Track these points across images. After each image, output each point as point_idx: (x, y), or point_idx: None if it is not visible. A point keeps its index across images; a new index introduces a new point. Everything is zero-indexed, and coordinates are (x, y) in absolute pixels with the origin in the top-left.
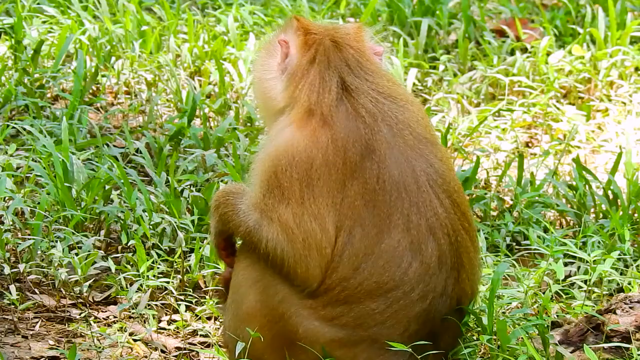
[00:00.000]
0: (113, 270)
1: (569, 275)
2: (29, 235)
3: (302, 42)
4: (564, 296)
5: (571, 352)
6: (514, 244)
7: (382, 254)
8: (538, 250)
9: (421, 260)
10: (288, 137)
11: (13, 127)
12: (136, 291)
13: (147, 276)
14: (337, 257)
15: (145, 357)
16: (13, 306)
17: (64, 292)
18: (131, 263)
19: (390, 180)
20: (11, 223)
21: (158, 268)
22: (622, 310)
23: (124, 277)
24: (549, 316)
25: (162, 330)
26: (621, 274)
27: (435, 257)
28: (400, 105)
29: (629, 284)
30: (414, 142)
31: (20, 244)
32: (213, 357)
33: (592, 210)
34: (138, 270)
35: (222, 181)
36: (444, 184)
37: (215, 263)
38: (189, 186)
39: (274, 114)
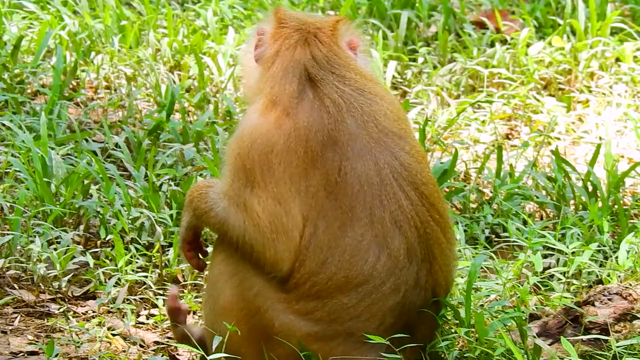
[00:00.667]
0: (92, 265)
1: (548, 267)
2: (8, 230)
3: (272, 34)
4: (543, 288)
5: (549, 345)
6: (493, 236)
7: (347, 247)
8: (517, 242)
9: (389, 254)
10: (252, 122)
11: None
12: (115, 286)
13: (126, 270)
14: (304, 249)
15: (124, 351)
16: None
17: (42, 287)
18: (110, 258)
19: (352, 173)
20: None
21: (137, 262)
22: (601, 302)
23: (102, 272)
24: (527, 308)
25: (140, 325)
26: (600, 265)
27: (403, 249)
28: (368, 98)
29: (608, 275)
30: (378, 135)
31: None
32: (191, 352)
33: (572, 202)
34: (117, 265)
35: (200, 175)
36: (410, 177)
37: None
38: (167, 180)
39: (252, 102)
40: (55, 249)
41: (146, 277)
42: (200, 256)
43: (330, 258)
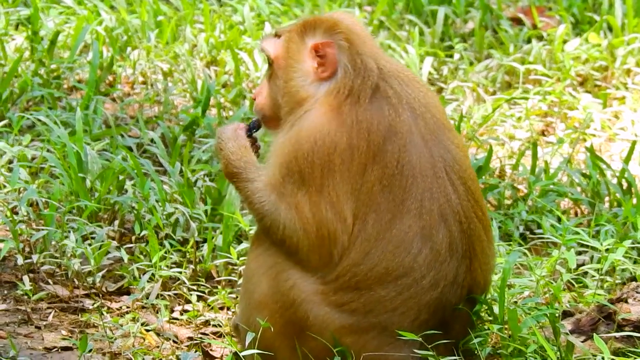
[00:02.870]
0: (126, 261)
1: (582, 264)
2: (43, 225)
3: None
4: (576, 285)
5: (582, 342)
6: (528, 232)
7: (393, 239)
8: (551, 239)
9: (431, 247)
10: (313, 120)
11: (27, 119)
12: (149, 281)
13: (160, 266)
14: (351, 244)
15: (157, 347)
16: (26, 297)
17: (77, 283)
18: (144, 253)
19: (408, 165)
20: (25, 214)
21: (171, 258)
22: (634, 299)
23: (136, 268)
24: (560, 305)
25: (174, 321)
26: (634, 262)
27: (445, 243)
28: (422, 91)
29: None
30: (434, 127)
31: (34, 234)
32: (225, 347)
33: (607, 198)
34: (151, 261)
35: None
36: (460, 171)
37: (228, 253)
38: (202, 176)
39: (299, 101)
40: (90, 245)
41: (180, 272)
42: None
43: (374, 249)
